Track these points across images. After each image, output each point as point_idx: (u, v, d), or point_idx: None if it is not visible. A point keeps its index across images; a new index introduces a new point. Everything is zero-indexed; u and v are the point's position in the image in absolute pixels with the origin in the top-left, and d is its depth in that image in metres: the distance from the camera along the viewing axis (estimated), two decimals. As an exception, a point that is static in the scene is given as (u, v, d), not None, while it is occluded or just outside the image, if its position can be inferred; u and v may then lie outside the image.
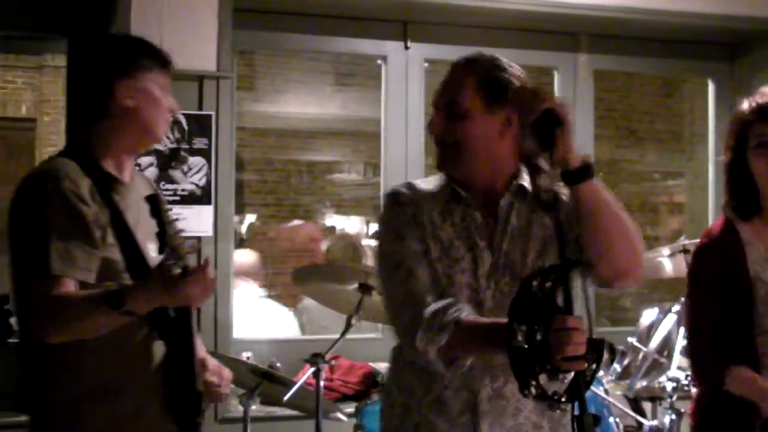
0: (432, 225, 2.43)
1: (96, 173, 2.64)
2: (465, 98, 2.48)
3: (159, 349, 2.68)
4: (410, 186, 2.54)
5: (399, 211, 2.46)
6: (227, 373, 2.93)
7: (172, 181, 4.59)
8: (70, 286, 2.51)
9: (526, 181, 2.50)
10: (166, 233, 2.61)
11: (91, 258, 2.54)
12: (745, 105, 3.00)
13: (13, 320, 4.62)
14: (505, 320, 2.16)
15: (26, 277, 2.54)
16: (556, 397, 2.06)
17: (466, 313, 2.29)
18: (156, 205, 2.78)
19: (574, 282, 2.08)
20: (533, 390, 2.05)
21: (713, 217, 5.81)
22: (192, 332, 2.73)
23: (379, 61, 5.43)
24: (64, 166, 2.61)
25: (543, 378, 2.05)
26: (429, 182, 2.57)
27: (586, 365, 2.05)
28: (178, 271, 2.41)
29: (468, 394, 2.40)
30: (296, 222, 8.75)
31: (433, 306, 2.30)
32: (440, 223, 2.44)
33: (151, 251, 2.72)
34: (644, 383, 4.29)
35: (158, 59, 2.75)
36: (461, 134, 2.46)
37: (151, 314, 2.56)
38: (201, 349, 2.91)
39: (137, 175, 2.87)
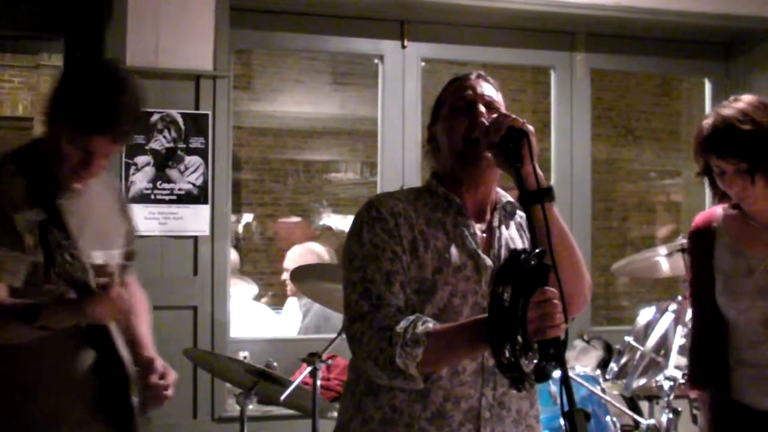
0: (422, 234, 2.38)
1: (37, 175, 2.61)
2: (498, 100, 2.49)
3: (87, 355, 2.66)
4: (392, 195, 2.48)
5: (377, 228, 2.37)
6: (173, 375, 2.86)
7: (168, 180, 4.58)
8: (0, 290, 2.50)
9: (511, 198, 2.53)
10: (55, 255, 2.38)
11: (19, 262, 2.51)
12: (704, 124, 2.89)
13: None
14: (476, 317, 2.22)
15: None
16: (523, 376, 2.06)
17: (433, 324, 2.26)
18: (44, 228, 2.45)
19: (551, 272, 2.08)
20: (506, 354, 2.04)
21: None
22: (113, 342, 2.66)
23: (376, 61, 5.42)
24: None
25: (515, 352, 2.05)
26: (407, 193, 2.53)
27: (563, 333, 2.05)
28: (69, 292, 2.37)
29: (469, 404, 2.37)
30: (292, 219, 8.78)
31: (402, 324, 2.25)
32: (432, 232, 2.40)
33: (98, 258, 2.68)
34: (641, 382, 4.29)
35: (73, 120, 2.56)
36: None
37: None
38: (148, 350, 2.88)
39: (96, 181, 2.81)
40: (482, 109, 2.43)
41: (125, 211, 2.97)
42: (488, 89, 2.49)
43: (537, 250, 2.07)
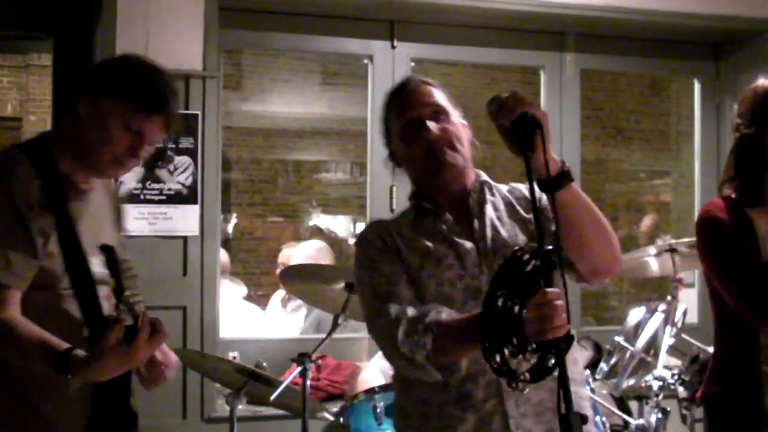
0: (405, 240, 2.47)
1: (48, 175, 2.56)
2: (442, 102, 2.51)
3: None
4: (380, 222, 2.62)
5: (369, 247, 2.50)
6: (174, 358, 2.74)
7: (158, 180, 4.58)
8: (14, 298, 2.45)
9: (487, 177, 2.58)
10: (120, 291, 2.28)
11: (29, 267, 2.46)
12: None
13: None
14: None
15: None
16: (518, 375, 2.04)
17: (446, 314, 2.28)
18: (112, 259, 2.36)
19: (556, 270, 2.07)
20: (497, 358, 2.03)
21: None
22: None
23: (365, 61, 5.42)
24: (16, 167, 2.52)
25: (507, 353, 2.03)
26: (396, 216, 2.65)
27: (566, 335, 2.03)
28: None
29: (487, 379, 2.35)
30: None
31: (412, 312, 2.30)
32: (413, 234, 2.48)
33: (97, 265, 2.58)
34: (631, 382, 4.29)
35: (136, 99, 2.53)
36: (456, 133, 2.49)
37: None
38: None
39: (98, 181, 2.75)
40: (430, 124, 2.46)
41: (120, 217, 2.90)
42: (429, 96, 2.51)
43: (542, 250, 2.03)
